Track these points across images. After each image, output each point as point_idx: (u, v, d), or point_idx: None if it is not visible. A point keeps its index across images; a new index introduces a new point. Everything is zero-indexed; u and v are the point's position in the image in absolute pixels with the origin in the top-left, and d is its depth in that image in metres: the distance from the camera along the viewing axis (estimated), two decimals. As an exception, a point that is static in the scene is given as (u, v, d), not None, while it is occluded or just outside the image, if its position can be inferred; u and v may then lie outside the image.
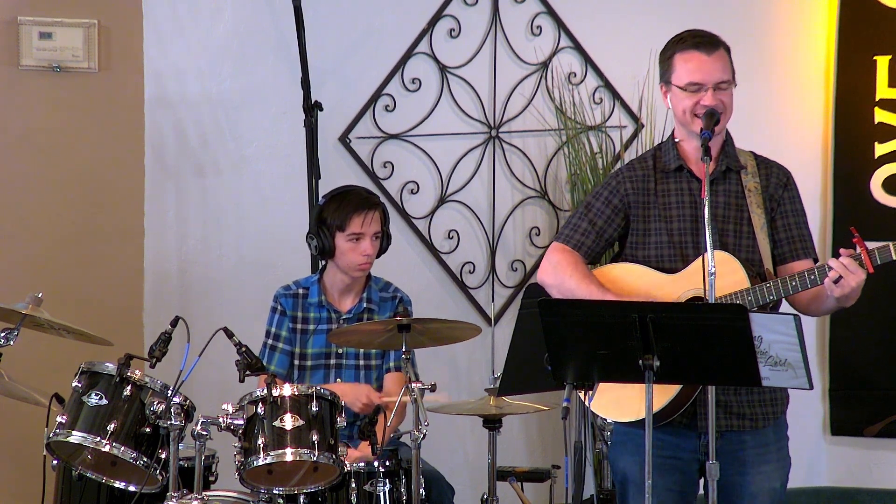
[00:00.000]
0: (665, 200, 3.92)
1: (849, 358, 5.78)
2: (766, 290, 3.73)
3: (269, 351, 4.67)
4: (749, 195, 3.89)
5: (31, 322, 4.17)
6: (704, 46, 3.86)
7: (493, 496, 4.60)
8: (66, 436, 3.96)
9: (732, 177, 3.92)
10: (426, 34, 5.63)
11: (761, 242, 3.86)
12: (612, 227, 3.97)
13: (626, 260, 3.97)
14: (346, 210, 4.59)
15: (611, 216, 3.97)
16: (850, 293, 3.68)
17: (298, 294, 4.70)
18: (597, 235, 3.97)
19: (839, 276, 3.64)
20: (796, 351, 3.43)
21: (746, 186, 3.90)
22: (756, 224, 3.87)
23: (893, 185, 5.71)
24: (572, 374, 3.56)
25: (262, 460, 3.93)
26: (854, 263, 3.64)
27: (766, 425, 3.88)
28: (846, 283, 3.64)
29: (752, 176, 3.91)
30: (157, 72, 5.44)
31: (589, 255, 4.00)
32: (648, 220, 3.93)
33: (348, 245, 4.60)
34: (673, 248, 3.89)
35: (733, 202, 3.89)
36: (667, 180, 3.93)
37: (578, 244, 3.98)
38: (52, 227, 5.37)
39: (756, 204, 3.88)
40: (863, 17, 5.72)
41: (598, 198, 3.99)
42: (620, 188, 3.96)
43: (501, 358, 4.60)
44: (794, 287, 3.72)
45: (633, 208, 3.95)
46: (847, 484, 5.84)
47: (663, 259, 3.90)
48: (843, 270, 3.63)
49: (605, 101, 5.77)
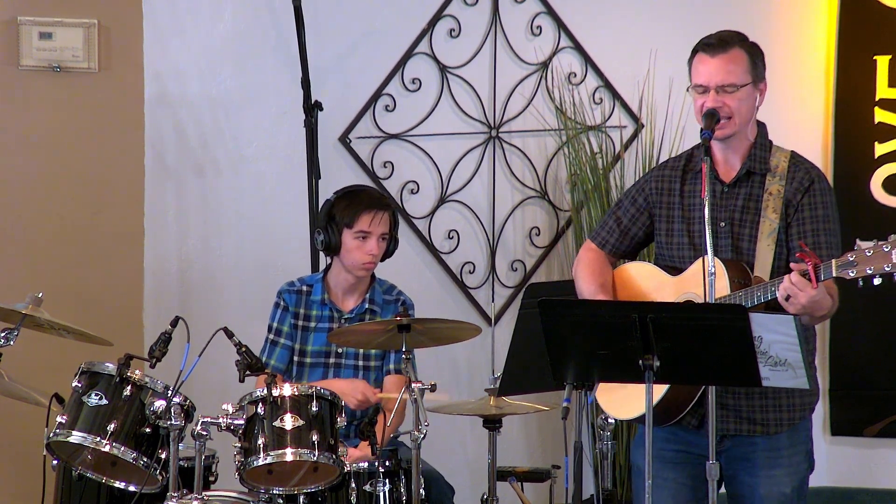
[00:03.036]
0: (690, 201, 3.92)
1: (849, 358, 5.78)
2: (738, 298, 3.67)
3: (270, 346, 4.68)
4: (768, 199, 3.82)
5: (31, 322, 4.17)
6: (711, 48, 3.83)
7: (493, 496, 4.60)
8: (66, 436, 3.96)
9: (755, 180, 3.85)
10: (426, 34, 5.63)
11: (760, 250, 3.83)
12: (638, 226, 4.00)
13: (656, 259, 3.98)
14: (356, 207, 4.60)
15: (635, 215, 3.99)
16: (803, 309, 3.57)
17: (302, 291, 4.70)
18: (622, 233, 4.01)
19: (787, 294, 3.57)
20: (796, 351, 3.43)
21: (768, 190, 3.83)
22: (763, 230, 3.81)
23: (893, 185, 5.71)
24: (572, 374, 3.56)
25: (262, 460, 3.93)
26: (802, 280, 3.53)
27: (780, 431, 3.83)
28: (796, 300, 3.55)
29: (778, 179, 3.84)
30: (157, 72, 5.44)
31: (616, 252, 4.03)
32: (672, 220, 3.94)
33: (355, 243, 4.60)
34: (693, 249, 3.88)
35: (752, 206, 3.85)
36: (694, 181, 3.92)
37: (603, 241, 4.03)
38: (52, 227, 5.37)
39: (772, 209, 3.81)
40: (863, 17, 5.72)
41: (627, 196, 4.04)
42: (646, 187, 3.98)
43: (501, 358, 4.60)
44: (758, 297, 3.64)
45: (655, 208, 3.95)
46: (847, 484, 5.84)
47: (684, 259, 3.90)
48: (790, 289, 3.55)
49: (605, 101, 5.77)
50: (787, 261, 3.76)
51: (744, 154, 3.87)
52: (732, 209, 3.85)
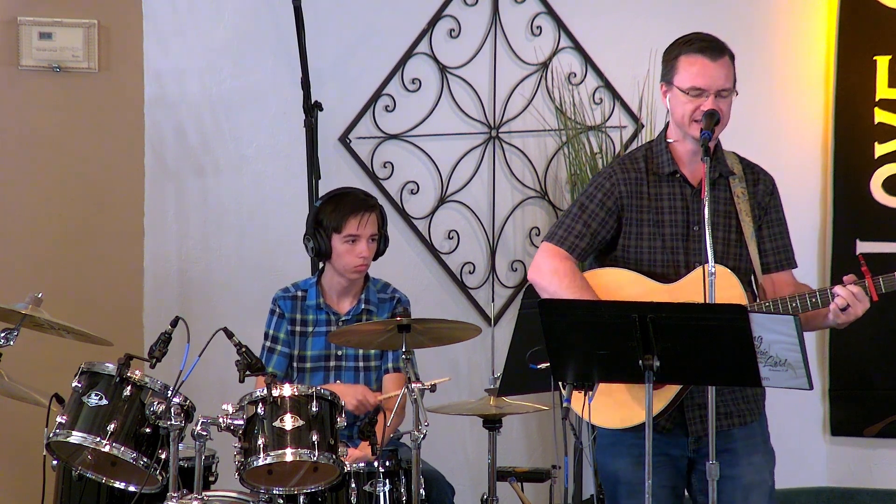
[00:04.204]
0: (658, 205, 3.91)
1: (849, 358, 5.78)
2: (766, 309, 3.74)
3: (266, 353, 4.67)
4: (738, 202, 3.88)
5: (31, 322, 4.17)
6: (710, 52, 3.84)
7: (493, 496, 4.59)
8: (66, 436, 3.96)
9: (722, 183, 3.91)
10: (426, 34, 5.63)
11: (752, 251, 3.85)
12: (606, 230, 3.95)
13: (615, 261, 3.95)
14: (342, 212, 4.59)
15: (605, 219, 3.94)
16: (854, 319, 3.72)
17: (297, 296, 4.70)
18: (591, 238, 3.95)
19: (847, 305, 3.66)
20: (796, 351, 3.44)
21: (735, 192, 3.89)
22: (746, 232, 3.86)
23: (893, 185, 5.71)
24: (572, 374, 3.56)
25: (262, 460, 3.93)
26: (862, 292, 3.67)
27: (753, 420, 3.93)
28: (853, 311, 3.69)
29: (739, 181, 3.90)
30: (157, 72, 5.44)
31: (583, 257, 4.00)
32: (641, 223, 3.92)
33: (344, 247, 4.59)
34: (665, 253, 3.89)
35: (723, 209, 3.89)
36: (660, 184, 3.92)
37: (573, 247, 3.95)
38: (52, 227, 5.37)
39: (745, 211, 3.87)
40: (863, 17, 5.72)
41: (592, 199, 3.95)
42: (615, 190, 3.93)
43: (501, 358, 4.60)
44: (794, 308, 3.73)
45: (626, 211, 3.93)
46: (847, 484, 5.84)
47: (655, 264, 3.90)
48: (851, 300, 3.67)
49: (605, 102, 5.77)
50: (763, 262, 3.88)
51: None
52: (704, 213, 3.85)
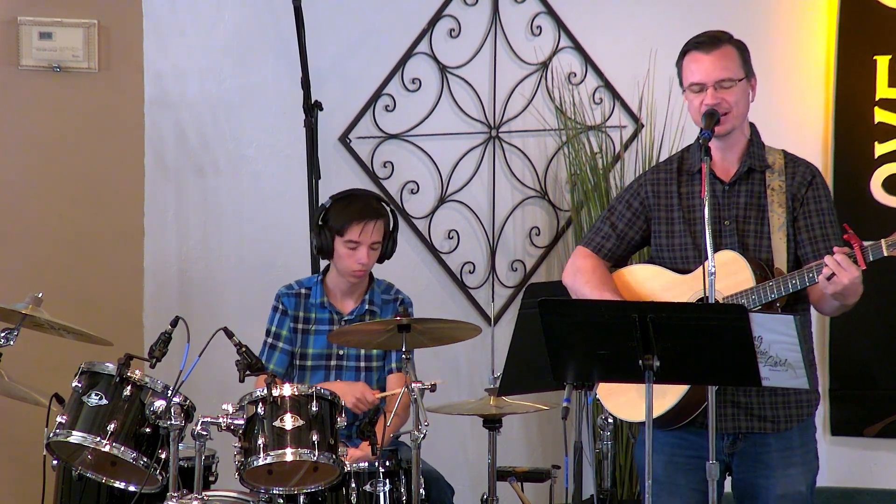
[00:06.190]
0: (689, 203, 3.94)
1: (849, 358, 5.78)
2: (769, 288, 3.73)
3: (268, 350, 4.67)
4: (772, 194, 3.88)
5: (31, 322, 4.17)
6: (703, 45, 3.87)
7: (493, 496, 4.60)
8: (66, 436, 3.96)
9: (756, 177, 3.91)
10: (426, 34, 5.63)
11: (776, 243, 3.85)
12: (634, 230, 4.01)
13: (652, 261, 4.00)
14: (347, 216, 4.58)
15: (631, 219, 4.00)
16: (843, 290, 3.64)
17: (301, 294, 4.70)
18: (618, 238, 4.01)
19: (832, 273, 3.63)
20: (796, 351, 3.43)
21: (770, 185, 3.89)
22: (773, 224, 3.86)
23: (893, 185, 5.70)
24: (572, 374, 3.56)
25: (262, 460, 3.93)
26: (847, 260, 3.61)
27: (790, 427, 3.86)
28: (838, 279, 3.61)
29: (777, 175, 3.90)
30: (157, 72, 5.44)
31: (612, 258, 4.03)
32: (672, 221, 3.95)
33: (345, 251, 4.59)
34: (697, 249, 3.90)
35: (755, 202, 3.89)
36: (691, 182, 3.95)
37: (599, 247, 4.03)
38: (52, 227, 5.37)
39: (778, 203, 3.86)
40: (863, 17, 5.71)
41: (620, 201, 4.04)
42: (641, 191, 3.99)
43: (501, 358, 4.60)
44: (794, 285, 3.71)
45: (653, 211, 3.97)
46: (847, 484, 5.83)
47: (688, 260, 3.92)
48: (835, 267, 3.61)
49: (605, 101, 5.77)
50: (797, 254, 3.84)
51: (741, 152, 3.92)
52: (735, 207, 3.89)
